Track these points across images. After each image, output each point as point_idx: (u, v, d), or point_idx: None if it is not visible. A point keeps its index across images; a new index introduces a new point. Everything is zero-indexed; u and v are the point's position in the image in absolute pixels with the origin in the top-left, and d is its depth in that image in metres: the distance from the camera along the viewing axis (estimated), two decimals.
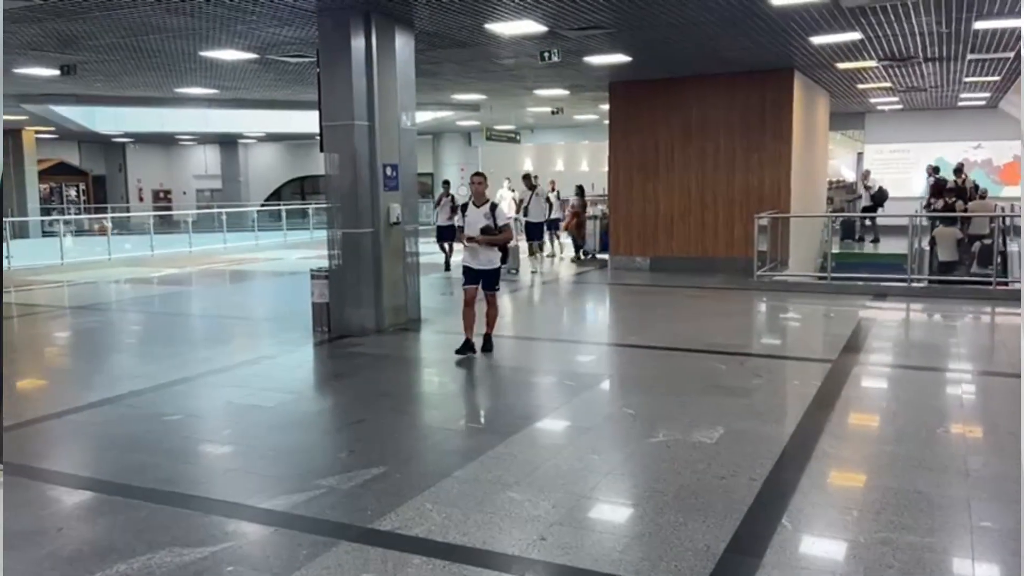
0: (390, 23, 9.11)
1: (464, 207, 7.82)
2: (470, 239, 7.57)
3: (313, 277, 9.32)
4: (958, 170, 18.99)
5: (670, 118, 14.49)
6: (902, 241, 14.23)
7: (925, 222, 14.77)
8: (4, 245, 12.66)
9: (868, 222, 19.39)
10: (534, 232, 16.30)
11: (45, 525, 4.09)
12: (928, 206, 16.88)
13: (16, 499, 4.43)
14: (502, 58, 12.28)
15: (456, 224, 8.16)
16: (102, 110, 23.63)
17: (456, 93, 17.56)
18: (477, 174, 7.88)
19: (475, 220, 7.63)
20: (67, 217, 27.02)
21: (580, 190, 17.65)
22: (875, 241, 18.83)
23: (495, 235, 7.59)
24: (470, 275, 7.79)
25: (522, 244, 15.41)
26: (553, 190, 18.06)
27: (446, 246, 15.27)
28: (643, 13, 9.20)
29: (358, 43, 8.80)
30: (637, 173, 14.86)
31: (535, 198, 15.85)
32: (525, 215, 15.88)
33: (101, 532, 3.99)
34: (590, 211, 17.59)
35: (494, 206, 7.65)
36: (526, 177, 16.26)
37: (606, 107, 15.73)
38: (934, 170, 19.24)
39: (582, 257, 16.83)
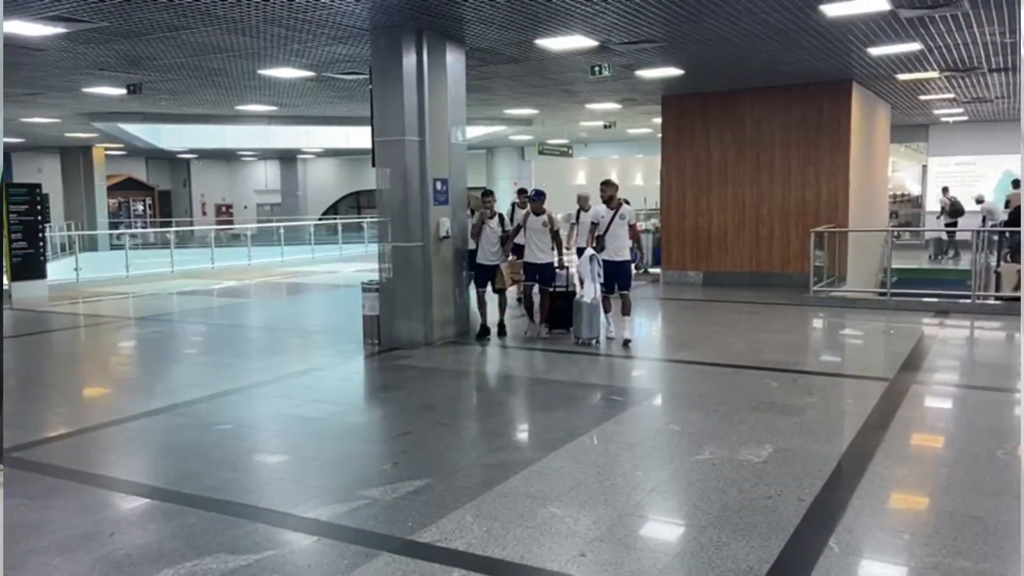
0: (441, 40, 9.22)
1: None
2: None
3: (364, 290, 9.45)
4: (1016, 183, 18.59)
5: (724, 131, 14.35)
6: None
7: (995, 237, 14.28)
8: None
9: (946, 236, 19.22)
10: (621, 277, 9.23)
11: (99, 529, 4.21)
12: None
13: (72, 503, 4.59)
14: (554, 73, 12.32)
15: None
16: (167, 127, 24.44)
17: (509, 108, 17.68)
18: None
19: None
20: (133, 231, 27.91)
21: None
22: (955, 256, 18.67)
23: None
24: None
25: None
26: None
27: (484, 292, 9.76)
28: (694, 27, 9.14)
29: (410, 60, 8.93)
30: (690, 187, 14.73)
31: (618, 220, 9.08)
32: (600, 248, 9.11)
33: (151, 537, 4.09)
34: (642, 225, 17.18)
35: None
36: (607, 184, 9.34)
37: (659, 121, 15.64)
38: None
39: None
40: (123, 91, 13.18)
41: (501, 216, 9.68)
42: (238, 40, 9.61)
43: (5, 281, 14.45)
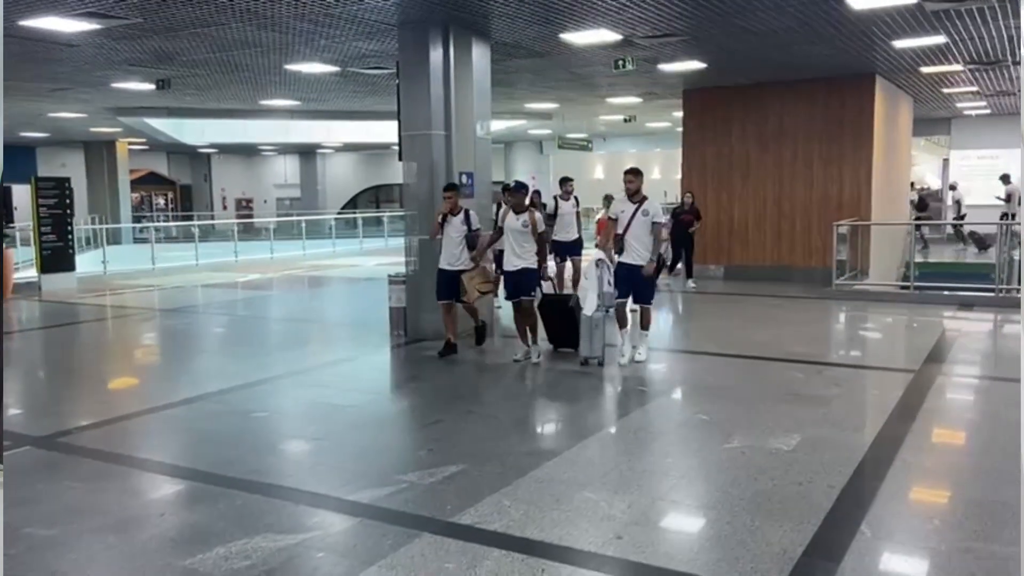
0: (468, 35, 9.32)
1: None
2: None
3: (391, 282, 9.58)
4: (1004, 178, 18.73)
5: (746, 125, 14.36)
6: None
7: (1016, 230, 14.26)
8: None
9: (919, 230, 19.52)
10: (641, 285, 7.69)
11: (149, 511, 4.36)
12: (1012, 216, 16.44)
13: (121, 486, 4.75)
14: (576, 67, 12.39)
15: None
16: (190, 122, 24.64)
17: (529, 102, 17.74)
18: None
19: None
20: (158, 224, 28.21)
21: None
22: (923, 249, 18.94)
23: None
24: None
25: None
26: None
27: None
28: (719, 20, 9.19)
29: (436, 55, 9.03)
30: (711, 181, 14.76)
31: (640, 217, 7.56)
32: (619, 251, 7.63)
33: (200, 518, 4.23)
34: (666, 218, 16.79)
35: None
36: (634, 174, 7.64)
37: (679, 114, 15.67)
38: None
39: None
40: (152, 86, 13.37)
41: (467, 213, 8.23)
42: (267, 36, 9.75)
43: (34, 273, 14.75)
